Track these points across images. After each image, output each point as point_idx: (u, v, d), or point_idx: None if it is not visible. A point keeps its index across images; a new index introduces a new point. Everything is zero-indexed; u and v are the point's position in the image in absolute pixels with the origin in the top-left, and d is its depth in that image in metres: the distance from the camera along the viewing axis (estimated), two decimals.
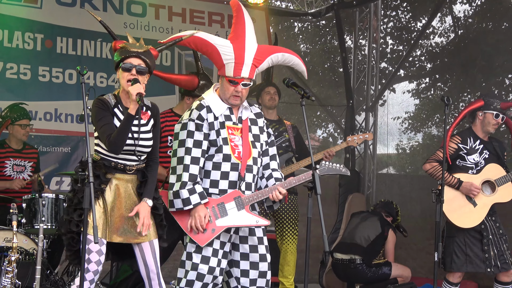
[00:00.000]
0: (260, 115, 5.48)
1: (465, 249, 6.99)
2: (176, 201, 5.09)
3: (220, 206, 5.14)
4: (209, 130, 5.18)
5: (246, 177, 5.22)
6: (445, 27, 15.82)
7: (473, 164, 7.08)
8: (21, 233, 7.02)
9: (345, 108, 12.55)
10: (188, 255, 5.16)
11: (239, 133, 5.27)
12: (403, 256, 9.98)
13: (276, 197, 5.17)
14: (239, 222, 5.16)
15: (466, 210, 6.99)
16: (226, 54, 5.17)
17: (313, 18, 13.44)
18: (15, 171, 8.04)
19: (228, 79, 5.17)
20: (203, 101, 5.27)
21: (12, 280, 5.85)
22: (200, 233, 5.08)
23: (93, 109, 5.19)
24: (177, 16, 10.98)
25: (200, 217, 5.04)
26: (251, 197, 5.19)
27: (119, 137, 5.06)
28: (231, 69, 5.16)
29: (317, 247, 6.66)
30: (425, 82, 16.72)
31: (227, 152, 5.16)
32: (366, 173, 12.15)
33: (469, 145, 7.09)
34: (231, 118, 5.27)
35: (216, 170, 5.17)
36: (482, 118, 7.11)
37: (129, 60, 5.22)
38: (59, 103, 9.99)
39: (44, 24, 9.97)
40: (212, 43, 5.21)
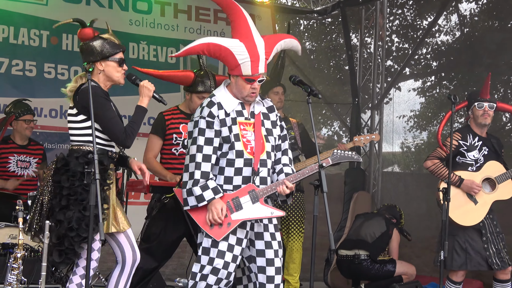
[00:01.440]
0: (272, 108, 5.44)
1: (466, 247, 6.99)
2: (189, 198, 5.09)
3: (235, 200, 5.12)
4: (220, 127, 5.16)
5: (261, 172, 5.21)
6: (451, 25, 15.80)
7: (472, 161, 7.08)
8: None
9: (350, 106, 12.53)
10: (204, 250, 5.13)
11: (251, 128, 5.24)
12: (408, 254, 9.97)
13: (283, 191, 5.15)
14: (254, 215, 5.15)
15: (467, 208, 6.99)
16: (240, 54, 5.12)
17: (319, 15, 13.43)
18: (19, 167, 8.05)
19: (245, 78, 5.14)
20: (214, 97, 5.24)
21: (17, 277, 5.85)
22: (216, 227, 5.07)
23: (99, 99, 5.17)
24: (182, 13, 10.97)
25: (216, 209, 5.02)
26: (265, 189, 5.17)
27: (136, 131, 5.24)
28: (248, 67, 5.12)
29: (322, 245, 6.65)
30: (431, 81, 16.71)
31: (239, 148, 5.15)
32: (372, 171, 12.13)
33: (469, 141, 7.10)
34: (243, 114, 5.25)
35: (230, 166, 5.16)
36: (472, 115, 7.17)
37: (119, 54, 5.36)
38: (64, 100, 9.79)
39: (49, 21, 9.95)
40: (225, 46, 5.15)
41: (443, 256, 6.30)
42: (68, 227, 5.07)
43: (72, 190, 5.11)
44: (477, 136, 7.13)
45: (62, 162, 5.22)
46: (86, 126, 5.23)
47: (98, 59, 5.32)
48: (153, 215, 6.44)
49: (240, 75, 5.15)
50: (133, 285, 6.39)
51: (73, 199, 5.10)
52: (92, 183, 4.87)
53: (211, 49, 5.19)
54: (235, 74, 5.19)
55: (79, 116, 5.27)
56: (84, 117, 5.23)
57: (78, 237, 5.09)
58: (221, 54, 5.17)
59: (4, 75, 9.62)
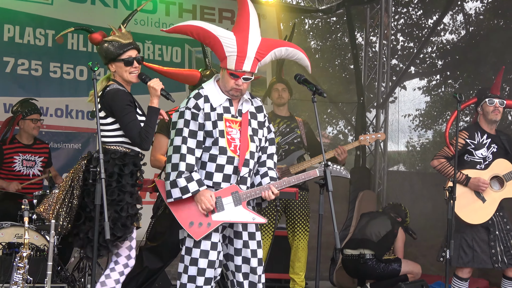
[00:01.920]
0: (261, 108, 5.35)
1: (473, 245, 6.98)
2: (173, 190, 4.97)
3: (217, 200, 5.02)
4: (204, 120, 5.05)
5: (242, 171, 5.11)
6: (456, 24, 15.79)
7: (481, 159, 7.06)
8: (32, 230, 7.04)
9: (355, 105, 12.53)
10: (187, 250, 5.05)
11: (237, 126, 5.15)
12: (413, 253, 9.96)
13: (268, 196, 5.07)
14: (235, 218, 5.06)
15: (475, 206, 6.97)
16: (229, 46, 5.04)
17: (324, 14, 13.45)
18: (25, 166, 8.06)
19: (229, 72, 5.05)
20: (202, 90, 5.15)
21: (23, 276, 5.87)
22: (195, 227, 4.98)
23: (119, 102, 5.20)
24: (187, 12, 10.98)
25: (207, 197, 4.93)
26: (249, 193, 5.08)
27: (152, 133, 5.22)
28: (233, 62, 5.03)
29: (328, 244, 6.65)
30: (436, 79, 16.70)
31: (222, 145, 5.05)
32: (377, 170, 12.13)
33: (477, 139, 7.08)
34: (230, 111, 5.16)
35: (212, 162, 5.05)
36: (482, 111, 7.13)
37: (128, 53, 5.37)
38: (70, 99, 10.01)
39: (55, 20, 9.99)
40: (214, 34, 5.06)
41: (449, 255, 6.28)
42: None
43: (108, 190, 5.13)
44: (486, 133, 7.11)
45: (97, 162, 5.18)
46: (116, 128, 5.27)
47: (107, 62, 5.41)
48: (158, 214, 6.44)
49: (225, 68, 5.07)
50: (138, 284, 6.41)
51: (109, 199, 5.12)
52: (97, 182, 4.91)
53: (200, 33, 5.10)
54: (222, 66, 5.11)
55: (108, 119, 5.29)
56: (113, 119, 5.26)
57: (113, 236, 5.13)
58: (210, 41, 5.08)
59: (10, 75, 9.64)
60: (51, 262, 6.28)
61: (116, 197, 5.15)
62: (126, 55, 5.35)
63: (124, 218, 5.17)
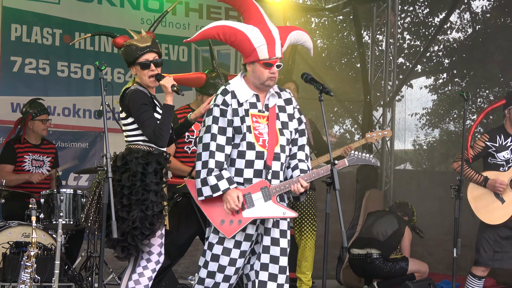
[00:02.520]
0: (290, 101, 5.29)
1: (494, 245, 6.98)
2: (204, 188, 4.96)
3: (247, 196, 4.98)
4: (232, 116, 5.03)
5: (273, 166, 5.06)
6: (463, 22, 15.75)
7: (503, 161, 7.06)
8: (40, 229, 7.06)
9: (362, 103, 12.53)
10: (209, 245, 5.04)
11: (265, 121, 5.11)
12: (420, 252, 9.95)
13: (297, 189, 5.01)
14: (265, 213, 5.01)
15: (494, 206, 6.98)
16: (256, 37, 5.00)
17: (330, 13, 13.44)
18: (34, 166, 8.09)
19: (262, 62, 5.00)
20: (228, 86, 5.13)
21: (31, 275, 5.89)
22: (227, 224, 4.96)
23: (135, 101, 5.23)
24: (194, 12, 10.99)
25: (232, 198, 4.90)
26: (278, 187, 5.04)
27: (167, 130, 5.22)
28: (264, 50, 5.00)
29: (334, 243, 6.66)
30: (443, 78, 16.66)
31: (250, 140, 5.02)
32: (384, 169, 12.12)
33: (499, 142, 7.07)
34: (256, 106, 5.12)
35: (241, 158, 5.03)
36: (509, 115, 7.11)
37: (144, 57, 5.37)
38: (77, 98, 10.04)
39: (62, 19, 10.02)
40: (241, 30, 5.03)
41: (456, 254, 6.28)
42: (132, 227, 5.15)
43: (133, 190, 5.18)
44: (510, 136, 7.10)
45: (122, 161, 5.25)
46: (137, 127, 5.31)
47: (128, 65, 5.46)
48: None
49: (257, 60, 5.02)
50: None
51: (134, 199, 5.17)
52: (104, 181, 4.93)
53: (226, 32, 5.05)
54: (251, 60, 5.05)
55: (128, 119, 5.33)
56: (132, 119, 5.30)
57: (142, 235, 5.18)
58: (236, 38, 5.04)
59: (17, 74, 9.67)
60: (59, 261, 6.31)
61: (140, 196, 5.17)
62: (143, 58, 5.36)
63: (150, 217, 5.19)
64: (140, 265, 5.35)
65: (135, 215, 5.14)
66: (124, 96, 5.33)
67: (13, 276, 6.61)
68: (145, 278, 5.33)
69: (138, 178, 5.19)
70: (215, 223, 5.02)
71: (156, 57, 5.42)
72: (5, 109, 9.54)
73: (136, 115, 5.23)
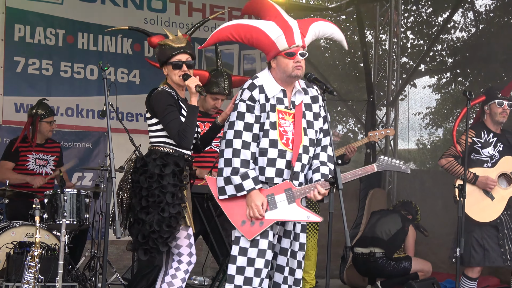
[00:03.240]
0: (316, 98, 5.13)
1: (483, 243, 6.97)
2: (228, 187, 4.84)
3: (270, 198, 4.86)
4: (260, 112, 4.90)
5: (295, 166, 4.92)
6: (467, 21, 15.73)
7: (487, 157, 7.06)
8: (43, 229, 7.08)
9: (365, 103, 12.53)
10: (242, 250, 4.88)
11: (291, 118, 4.97)
12: (424, 251, 9.94)
13: (314, 197, 4.89)
14: (289, 217, 4.90)
15: (484, 204, 6.97)
16: (272, 30, 4.89)
17: (334, 13, 13.42)
18: (38, 165, 8.11)
19: (284, 53, 4.88)
20: (256, 80, 4.97)
21: (35, 275, 5.89)
22: (248, 225, 4.84)
23: (160, 102, 5.21)
24: (197, 11, 11.00)
25: (257, 206, 4.77)
26: (303, 190, 4.90)
27: (191, 131, 5.18)
28: (283, 40, 4.87)
29: (338, 242, 6.66)
30: (446, 77, 16.63)
31: (274, 138, 4.87)
32: None
33: (483, 138, 7.07)
34: (283, 102, 4.97)
35: (263, 156, 4.88)
36: (489, 111, 7.12)
37: (177, 57, 5.35)
38: (80, 98, 10.05)
39: (65, 19, 10.05)
40: (255, 26, 4.94)
41: (459, 253, 6.27)
42: (150, 230, 5.11)
43: (150, 192, 5.15)
44: (492, 132, 7.10)
45: (141, 162, 5.24)
46: (160, 129, 5.29)
47: (160, 65, 5.44)
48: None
49: (278, 53, 4.90)
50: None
51: (151, 201, 5.14)
52: (108, 181, 4.93)
53: (240, 31, 4.96)
54: (273, 54, 4.93)
55: (153, 120, 5.32)
56: (156, 120, 5.28)
57: (161, 238, 5.12)
58: (252, 35, 4.93)
59: (21, 74, 9.69)
60: (62, 261, 6.31)
61: (156, 198, 5.13)
62: (175, 58, 5.34)
63: (167, 219, 5.11)
64: (172, 267, 5.29)
65: (152, 218, 5.10)
66: (150, 97, 5.32)
67: (17, 276, 6.62)
68: (178, 280, 5.26)
69: (155, 179, 5.15)
70: (235, 224, 4.91)
71: (189, 59, 5.38)
72: (9, 109, 9.56)
73: (161, 116, 5.21)
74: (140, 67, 10.32)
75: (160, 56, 5.41)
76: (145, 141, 8.11)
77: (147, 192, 5.15)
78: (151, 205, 5.13)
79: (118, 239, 5.11)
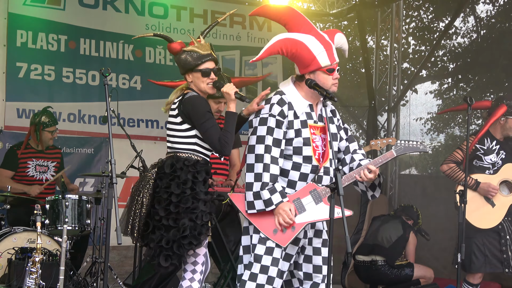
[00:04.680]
0: (335, 112, 5.25)
1: (484, 250, 6.99)
2: (257, 202, 4.83)
3: (297, 202, 4.87)
4: (287, 129, 4.92)
5: (323, 180, 4.97)
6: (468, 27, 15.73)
7: (490, 164, 7.07)
8: (45, 234, 7.08)
9: (367, 108, 12.54)
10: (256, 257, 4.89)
11: (319, 132, 5.02)
12: (426, 256, 9.94)
13: (365, 176, 4.96)
14: (318, 216, 4.91)
15: (484, 210, 6.98)
16: (314, 46, 4.92)
17: (335, 18, 13.42)
18: (38, 171, 8.11)
19: (325, 69, 4.94)
20: (284, 96, 4.99)
21: (36, 281, 5.90)
22: (280, 233, 4.83)
23: (198, 108, 5.15)
24: (198, 17, 11.02)
25: (286, 211, 4.77)
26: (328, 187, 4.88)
27: (231, 138, 5.12)
28: (325, 57, 4.93)
29: (339, 248, 6.65)
30: (448, 83, 16.62)
31: (308, 154, 4.91)
32: (389, 174, 12.12)
33: (486, 145, 7.08)
34: (312, 116, 5.03)
35: (296, 170, 4.92)
36: (504, 123, 7.10)
37: (206, 64, 5.30)
38: (82, 104, 10.06)
39: (67, 25, 10.06)
40: (300, 40, 4.93)
41: (460, 259, 6.28)
42: (181, 236, 5.04)
43: (183, 198, 5.07)
44: (495, 140, 7.11)
45: (171, 168, 5.15)
46: (191, 135, 5.21)
47: (184, 72, 5.35)
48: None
49: (319, 68, 4.93)
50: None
51: (184, 207, 5.06)
52: (110, 187, 4.92)
53: (288, 45, 4.94)
54: (312, 69, 4.95)
55: (183, 125, 5.21)
56: (188, 126, 5.20)
57: (189, 244, 5.06)
58: (297, 49, 4.92)
59: (23, 80, 9.70)
60: (64, 266, 6.31)
61: (190, 204, 5.07)
62: (204, 66, 5.28)
63: (199, 226, 5.07)
64: (185, 278, 5.24)
65: (186, 223, 5.03)
66: (184, 102, 5.21)
67: (18, 281, 6.62)
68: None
69: (188, 186, 5.08)
70: (267, 234, 4.88)
71: (215, 66, 5.35)
72: (11, 115, 9.57)
73: (199, 123, 5.13)
74: (141, 73, 10.34)
75: (186, 63, 5.31)
76: (146, 147, 8.18)
77: (178, 199, 5.07)
78: (183, 211, 5.05)
79: (119, 245, 5.08)
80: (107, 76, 5.18)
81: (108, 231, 5.02)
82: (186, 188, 5.08)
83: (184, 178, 5.09)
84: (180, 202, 5.06)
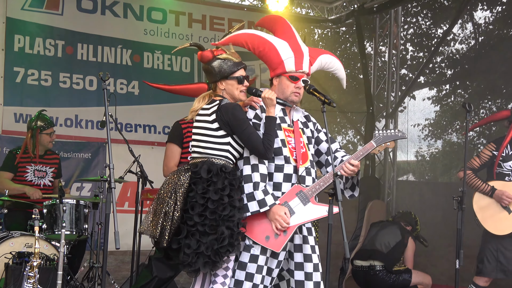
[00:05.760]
0: (309, 117, 5.34)
1: (497, 255, 6.99)
2: (251, 204, 4.89)
3: (285, 205, 4.93)
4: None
5: (306, 181, 5.04)
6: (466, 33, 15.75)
7: (509, 171, 7.07)
8: (42, 239, 7.07)
9: (365, 114, 12.54)
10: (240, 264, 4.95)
11: (293, 135, 5.11)
12: (423, 263, 9.94)
13: (347, 170, 4.99)
14: (309, 217, 4.97)
15: (500, 217, 7.00)
16: (284, 50, 5.03)
17: (333, 24, 13.44)
18: (36, 177, 8.10)
19: (288, 75, 5.04)
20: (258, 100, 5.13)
21: (33, 285, 5.89)
22: (272, 238, 4.88)
23: (238, 116, 5.11)
24: (197, 22, 11.02)
25: (281, 216, 4.84)
26: (314, 187, 4.98)
27: (273, 141, 5.07)
28: (292, 63, 5.03)
29: (337, 254, 6.64)
30: (446, 89, 16.64)
31: (286, 154, 5.00)
32: (386, 180, 12.12)
33: (505, 152, 7.08)
34: (285, 120, 5.14)
35: (279, 172, 4.99)
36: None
37: (240, 72, 5.29)
38: (79, 109, 10.06)
39: (65, 30, 10.06)
40: (270, 41, 5.05)
41: (458, 265, 6.28)
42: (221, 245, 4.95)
43: (221, 205, 4.99)
44: None
45: (208, 174, 5.06)
46: (225, 142, 5.14)
47: (217, 79, 5.30)
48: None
49: (284, 73, 5.04)
50: None
51: (222, 214, 4.97)
52: (108, 192, 4.91)
53: (255, 41, 5.06)
54: (278, 72, 5.07)
55: (220, 132, 5.16)
56: (224, 132, 5.14)
57: (227, 252, 4.99)
58: (265, 48, 5.04)
59: (20, 85, 9.70)
60: (61, 271, 6.29)
61: (228, 212, 4.98)
62: (238, 73, 5.26)
63: (236, 234, 4.98)
64: (217, 282, 5.13)
65: (225, 232, 4.93)
66: (222, 108, 5.16)
67: (15, 286, 6.60)
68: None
69: (226, 193, 5.00)
70: (260, 241, 4.92)
71: (245, 74, 5.35)
72: (8, 119, 9.57)
73: (241, 129, 5.08)
74: (139, 78, 10.32)
75: (221, 71, 5.26)
76: (143, 152, 8.15)
77: (215, 205, 4.98)
78: (220, 218, 4.97)
79: (117, 250, 5.06)
80: (106, 80, 5.17)
81: (106, 236, 5.01)
82: (224, 195, 5.01)
83: (221, 185, 5.03)
84: (217, 209, 4.99)
